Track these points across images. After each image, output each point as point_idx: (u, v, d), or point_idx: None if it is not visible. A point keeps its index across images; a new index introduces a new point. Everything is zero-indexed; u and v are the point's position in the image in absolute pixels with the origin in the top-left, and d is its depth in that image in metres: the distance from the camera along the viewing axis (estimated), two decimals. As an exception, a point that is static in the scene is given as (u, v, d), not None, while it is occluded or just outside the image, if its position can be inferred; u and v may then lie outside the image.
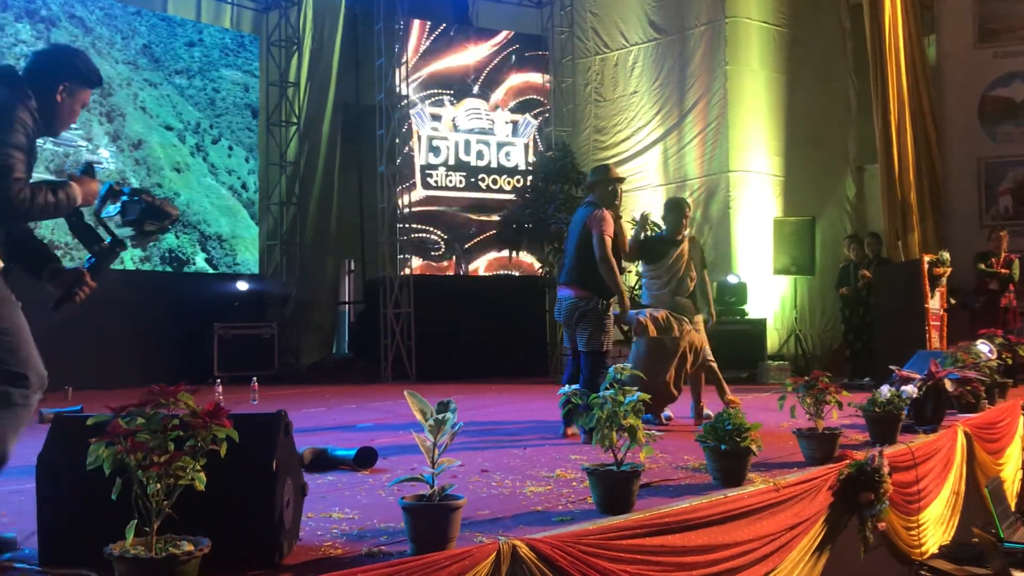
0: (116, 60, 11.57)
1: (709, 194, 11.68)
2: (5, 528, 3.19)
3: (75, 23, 11.20)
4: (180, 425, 2.40)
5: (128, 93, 11.62)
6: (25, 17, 10.68)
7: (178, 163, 12.08)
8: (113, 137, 11.27)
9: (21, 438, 3.39)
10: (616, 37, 12.55)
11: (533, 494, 3.82)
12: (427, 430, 2.90)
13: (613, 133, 12.57)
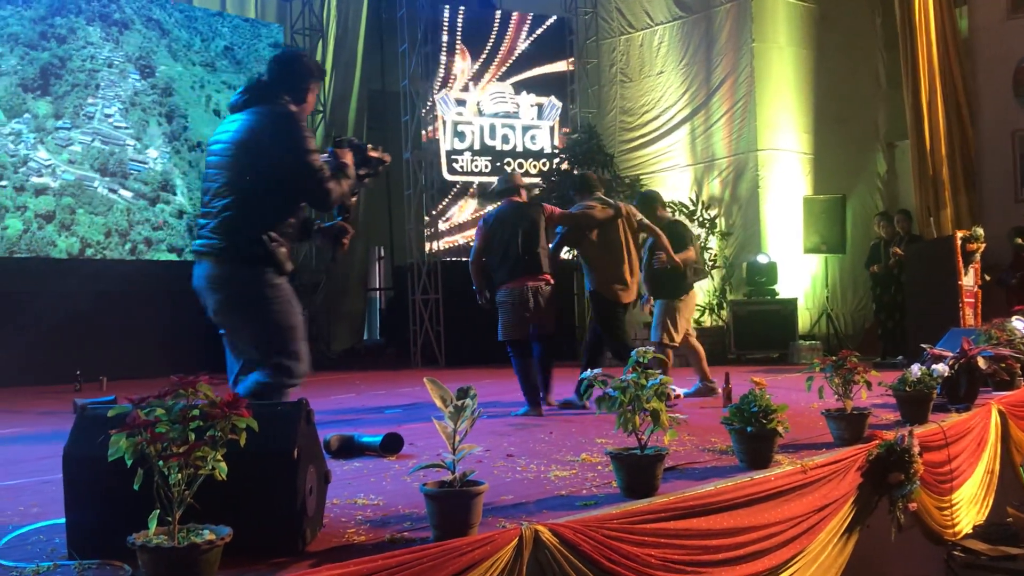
0: (193, 62, 11.78)
1: (738, 173, 11.56)
2: (29, 518, 3.24)
3: (151, 26, 11.42)
4: (200, 415, 2.42)
5: (200, 95, 11.78)
6: (97, 20, 10.88)
7: None
8: (170, 138, 11.42)
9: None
10: (641, 16, 12.43)
11: (557, 479, 3.81)
12: (447, 417, 2.90)
13: (640, 114, 12.47)
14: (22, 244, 10.00)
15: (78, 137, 10.55)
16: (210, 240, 3.50)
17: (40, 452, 5.09)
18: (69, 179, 10.41)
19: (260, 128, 3.52)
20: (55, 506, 3.44)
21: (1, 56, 10.11)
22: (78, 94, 10.63)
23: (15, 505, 3.55)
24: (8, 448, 5.38)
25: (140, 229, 10.96)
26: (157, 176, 11.19)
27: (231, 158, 3.53)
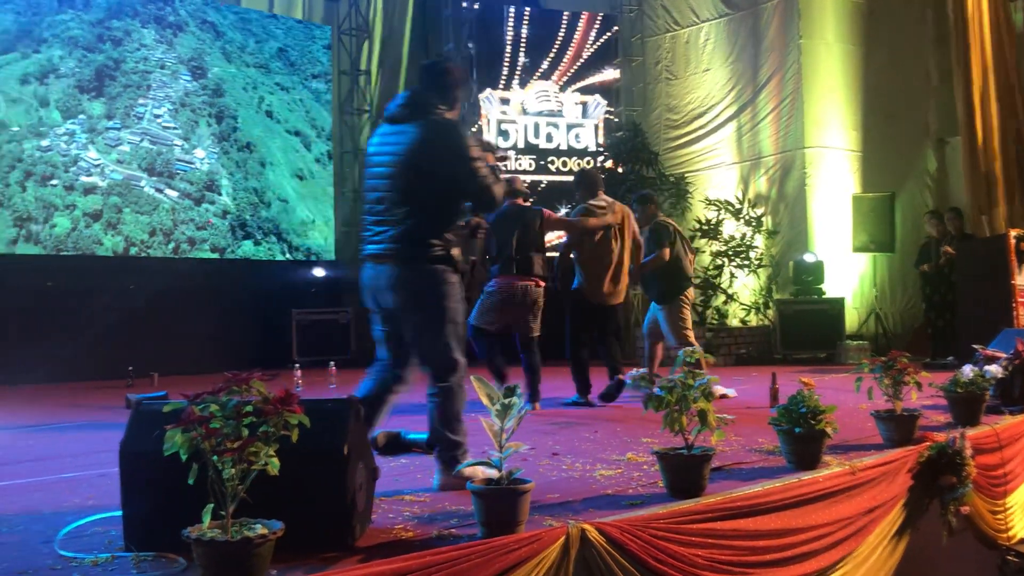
0: (246, 64, 11.96)
1: (785, 171, 11.45)
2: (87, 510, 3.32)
3: (206, 28, 11.62)
4: (253, 411, 2.46)
5: (252, 96, 11.98)
6: (152, 23, 11.11)
7: (301, 170, 12.44)
8: (219, 138, 11.61)
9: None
10: (687, 14, 12.36)
11: (603, 477, 3.82)
12: (494, 415, 2.92)
13: (685, 112, 12.40)
14: (69, 242, 10.22)
15: (127, 137, 10.75)
16: (390, 245, 3.73)
17: (95, 445, 5.21)
18: (117, 179, 10.61)
19: (428, 140, 3.73)
20: (111, 499, 3.52)
21: (61, 59, 10.34)
22: (130, 95, 10.84)
23: (73, 497, 3.64)
24: (64, 441, 5.50)
25: (184, 228, 11.14)
26: (203, 176, 11.37)
27: (403, 168, 3.74)
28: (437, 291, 3.71)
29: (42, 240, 9.98)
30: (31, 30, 10.15)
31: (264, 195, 11.96)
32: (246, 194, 11.74)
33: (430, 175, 3.70)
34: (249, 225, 11.71)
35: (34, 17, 10.19)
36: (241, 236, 11.63)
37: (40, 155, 10.02)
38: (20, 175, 9.86)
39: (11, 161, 9.80)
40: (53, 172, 10.11)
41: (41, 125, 10.10)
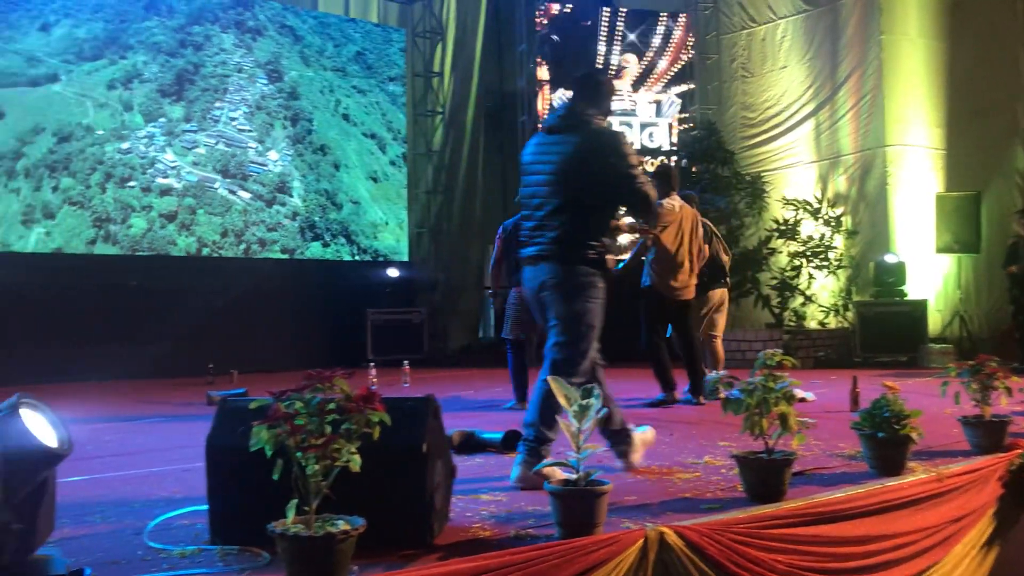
0: (324, 67, 12.25)
1: (865, 170, 11.18)
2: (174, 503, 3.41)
3: (285, 32, 11.94)
4: (336, 409, 2.50)
5: (328, 99, 12.24)
6: (232, 28, 11.43)
7: (376, 172, 12.66)
8: (293, 141, 11.86)
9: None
10: (763, 11, 12.16)
11: (681, 481, 3.78)
12: (572, 416, 2.91)
13: (761, 110, 12.20)
14: (144, 242, 10.51)
15: (203, 140, 11.04)
16: (549, 247, 3.90)
17: (178, 441, 5.36)
18: (192, 180, 10.90)
19: (589, 148, 3.89)
20: (196, 492, 3.62)
21: (145, 64, 10.68)
22: (208, 99, 11.13)
23: (160, 490, 3.75)
24: (149, 436, 5.67)
25: (255, 230, 11.37)
26: (275, 178, 11.61)
27: (564, 176, 3.90)
28: (584, 293, 3.89)
29: (119, 240, 10.29)
30: (118, 37, 10.50)
31: (335, 197, 12.16)
32: (316, 196, 11.95)
33: (590, 182, 3.87)
34: (318, 226, 11.92)
35: (121, 24, 10.54)
36: (310, 237, 11.83)
37: (120, 157, 10.35)
38: (101, 177, 10.19)
39: (93, 163, 10.14)
40: (131, 174, 10.42)
41: (123, 128, 10.43)
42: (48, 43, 10.00)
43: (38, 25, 9.96)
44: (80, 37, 10.23)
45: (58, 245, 9.87)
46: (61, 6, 10.11)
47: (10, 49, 9.73)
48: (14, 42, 9.77)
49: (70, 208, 9.96)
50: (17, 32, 9.79)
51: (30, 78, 9.86)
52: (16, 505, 2.26)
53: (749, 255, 11.08)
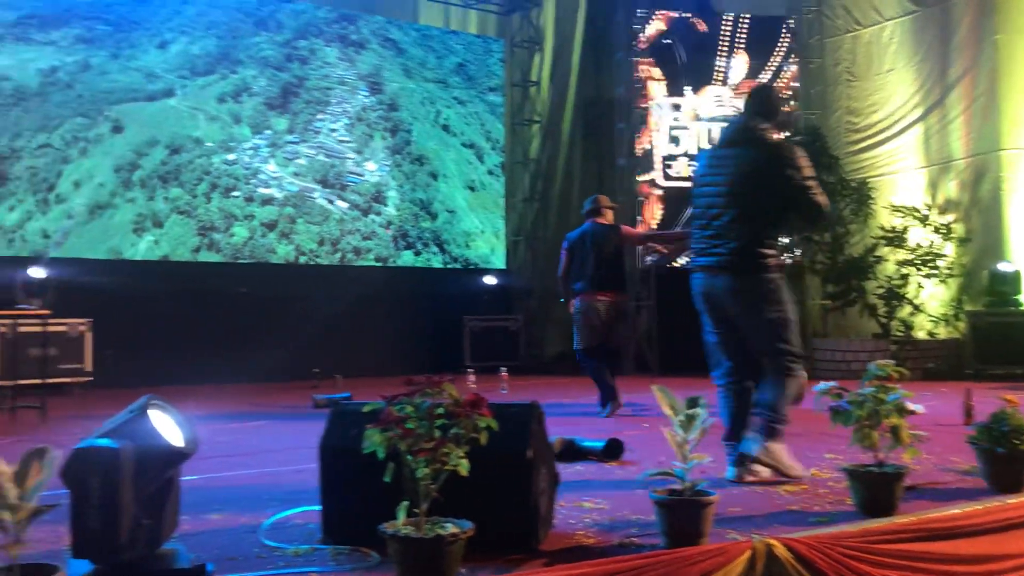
0: (425, 79, 12.54)
1: (977, 175, 10.76)
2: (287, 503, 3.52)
3: (388, 45, 12.25)
4: (444, 414, 2.55)
5: (429, 111, 12.51)
6: (336, 42, 11.78)
7: (473, 181, 12.88)
8: (392, 151, 12.12)
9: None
10: (869, 13, 11.84)
11: (787, 493, 3.72)
12: (677, 425, 2.90)
13: (867, 114, 11.87)
14: (245, 250, 10.85)
15: (304, 151, 11.36)
16: (728, 257, 4.09)
17: (288, 442, 5.53)
18: (292, 190, 11.22)
19: (765, 160, 4.09)
20: (307, 493, 3.73)
21: (253, 78, 11.08)
22: (311, 111, 11.45)
23: (273, 490, 3.87)
24: (260, 438, 5.86)
25: (350, 239, 11.62)
26: (371, 188, 11.84)
27: (741, 187, 4.10)
28: (772, 297, 4.08)
29: (222, 248, 10.65)
30: (229, 52, 10.92)
31: (430, 206, 12.35)
32: (410, 205, 12.15)
33: (767, 194, 4.06)
34: (410, 235, 12.11)
35: (233, 40, 10.96)
36: (402, 246, 12.03)
37: (226, 168, 10.74)
38: (207, 187, 10.59)
39: (200, 174, 10.55)
40: (235, 184, 10.79)
41: (231, 140, 10.82)
42: (165, 59, 10.47)
43: (156, 43, 10.43)
44: (194, 53, 10.67)
45: (165, 252, 10.28)
46: (177, 24, 10.57)
47: (131, 66, 10.22)
48: (135, 59, 10.25)
49: (177, 217, 10.37)
50: (137, 50, 10.28)
51: (148, 93, 10.32)
52: (145, 501, 2.38)
53: (855, 263, 10.78)
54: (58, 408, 7.23)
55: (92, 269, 9.56)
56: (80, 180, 9.82)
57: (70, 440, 2.57)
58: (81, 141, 9.84)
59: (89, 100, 9.92)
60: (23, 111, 9.50)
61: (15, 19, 9.45)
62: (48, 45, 9.69)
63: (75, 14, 9.86)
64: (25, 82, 9.53)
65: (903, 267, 10.79)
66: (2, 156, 9.30)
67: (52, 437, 5.74)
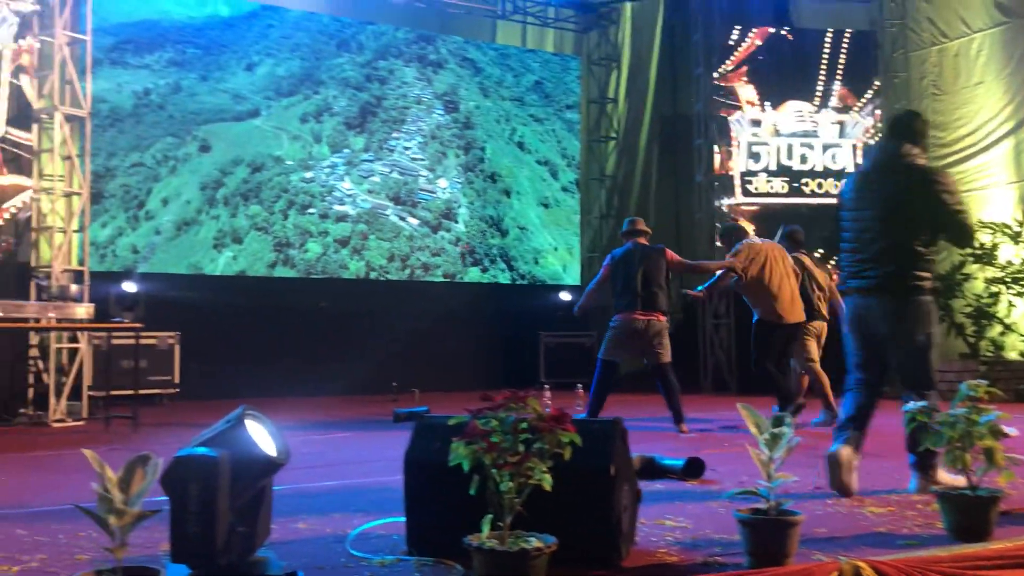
0: (502, 97, 12.73)
1: (1071, 191, 10.40)
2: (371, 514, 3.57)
3: (466, 65, 12.48)
4: (528, 428, 2.58)
5: (504, 128, 12.68)
6: (415, 62, 12.04)
7: (547, 198, 12.99)
8: (464, 169, 12.27)
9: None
10: (956, 25, 11.56)
11: (873, 515, 3.64)
12: (762, 444, 2.87)
13: (954, 129, 11.57)
14: (318, 266, 11.06)
15: (378, 168, 11.56)
16: (883, 280, 4.27)
17: (369, 455, 5.62)
18: (365, 207, 11.42)
19: (918, 187, 4.22)
20: (391, 505, 3.79)
21: (334, 98, 11.34)
22: (386, 129, 11.67)
23: (357, 501, 3.94)
24: (342, 450, 5.96)
25: (419, 255, 11.74)
26: (442, 205, 11.98)
27: (895, 213, 4.25)
28: (925, 320, 4.23)
29: (296, 264, 10.88)
30: (312, 73, 11.22)
31: (500, 223, 12.43)
32: (479, 222, 12.24)
33: (920, 218, 4.21)
34: (477, 252, 12.18)
35: (316, 62, 11.27)
36: (469, 263, 12.11)
37: (303, 186, 11.00)
38: (284, 204, 10.85)
39: (278, 191, 10.82)
40: (311, 201, 11.04)
41: (310, 159, 11.10)
42: (252, 81, 10.83)
43: (244, 65, 10.82)
44: (280, 75, 11.01)
45: (242, 268, 10.56)
46: (264, 47, 10.94)
47: (220, 88, 10.59)
48: (224, 81, 10.64)
49: (256, 233, 10.66)
50: (226, 72, 10.66)
51: (235, 114, 10.68)
52: (240, 509, 2.45)
53: (941, 281, 10.50)
54: (148, 418, 7.46)
55: (177, 284, 9.92)
56: (168, 197, 10.19)
57: (162, 449, 2.67)
58: (171, 160, 10.22)
59: (179, 121, 10.30)
60: (118, 131, 9.92)
61: (112, 44, 9.87)
62: (142, 68, 10.11)
63: (168, 39, 10.28)
64: (120, 104, 9.95)
65: (993, 285, 10.48)
66: (98, 175, 9.68)
67: (145, 446, 5.91)
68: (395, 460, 3.08)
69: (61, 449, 5.98)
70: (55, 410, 7.46)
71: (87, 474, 4.72)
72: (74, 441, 6.42)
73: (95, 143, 9.51)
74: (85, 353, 7.94)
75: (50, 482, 4.64)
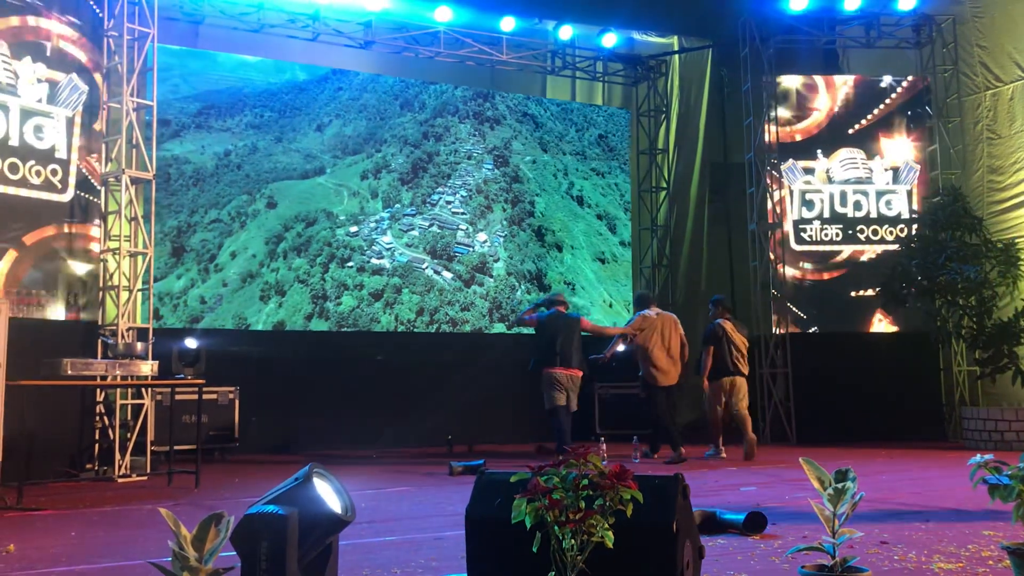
0: (563, 152, 12.99)
1: None
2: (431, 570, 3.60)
3: (526, 120, 12.77)
4: (589, 484, 2.59)
5: (561, 182, 12.90)
6: (471, 118, 12.32)
7: (603, 253, 13.11)
8: (512, 221, 12.40)
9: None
10: (1010, 68, 11.45)
11: (942, 571, 3.57)
12: (826, 499, 2.85)
13: (1011, 172, 11.40)
14: (350, 319, 11.18)
15: (418, 223, 11.73)
16: None
17: (427, 510, 5.65)
18: (402, 261, 11.56)
19: None
20: (451, 561, 3.82)
21: (392, 156, 11.65)
22: (431, 184, 11.88)
23: (417, 558, 3.96)
24: (400, 505, 5.99)
25: (447, 310, 11.75)
26: (476, 258, 12.05)
27: None
28: None
29: (330, 316, 11.02)
30: (376, 132, 11.61)
31: (542, 278, 12.47)
32: (509, 278, 12.24)
33: None
34: (503, 308, 12.16)
35: (380, 121, 11.68)
36: (497, 318, 12.09)
37: (347, 240, 11.23)
38: (325, 258, 11.05)
39: (322, 245, 11.05)
40: (351, 255, 11.22)
41: (361, 214, 11.34)
42: (322, 141, 11.29)
43: (315, 126, 11.29)
44: (347, 134, 11.45)
45: (282, 319, 10.75)
46: (334, 109, 11.42)
47: (292, 148, 11.10)
48: (295, 142, 11.14)
49: (298, 286, 10.87)
50: (298, 133, 11.17)
51: (302, 171, 11.11)
52: (308, 566, 2.50)
53: (1005, 327, 10.26)
54: (207, 472, 7.58)
55: (236, 339, 10.24)
56: (236, 251, 10.59)
57: (223, 504, 2.74)
58: (243, 216, 10.68)
59: (254, 179, 10.80)
60: (200, 190, 10.49)
61: (198, 109, 10.57)
62: (224, 132, 10.72)
63: (247, 104, 10.87)
64: (203, 164, 10.54)
65: (1057, 331, 10.22)
66: (180, 230, 10.26)
67: (207, 501, 6.04)
68: (453, 515, 3.12)
69: (127, 504, 6.10)
70: (120, 465, 7.61)
71: (155, 529, 4.82)
72: (139, 496, 6.55)
73: (180, 200, 10.18)
74: (149, 409, 8.11)
75: (119, 537, 4.73)
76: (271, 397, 10.06)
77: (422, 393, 10.86)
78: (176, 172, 10.34)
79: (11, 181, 7.46)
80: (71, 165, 7.92)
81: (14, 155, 7.48)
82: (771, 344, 11.45)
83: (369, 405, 10.55)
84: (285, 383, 10.24)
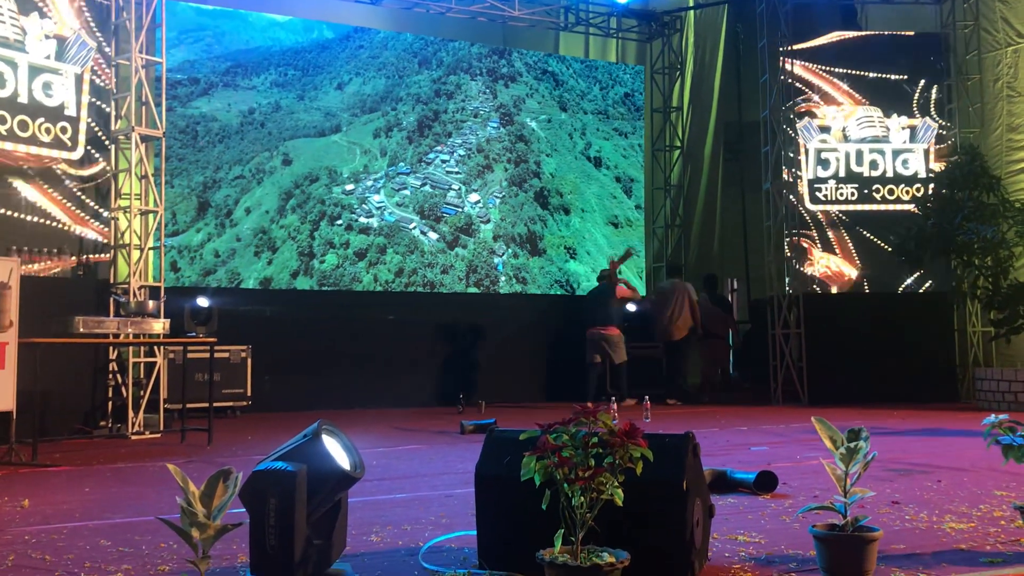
0: (584, 110, 12.85)
1: None
2: (441, 527, 3.61)
3: (545, 78, 12.64)
4: (599, 443, 2.57)
5: (578, 142, 12.77)
6: (483, 75, 12.21)
7: (616, 216, 12.98)
8: (512, 182, 12.29)
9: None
10: (1032, 24, 11.23)
11: (954, 531, 3.55)
12: (838, 459, 2.82)
13: (1030, 131, 11.23)
14: (331, 278, 11.14)
15: (411, 182, 11.65)
16: None
17: (437, 468, 5.66)
18: (390, 220, 11.48)
19: None
20: (460, 518, 3.83)
21: (404, 114, 11.58)
22: (431, 142, 11.79)
23: (427, 515, 3.98)
24: (410, 463, 6.01)
25: (426, 272, 11.58)
26: (463, 219, 11.92)
27: None
28: None
29: (313, 274, 10.98)
30: (393, 90, 11.57)
31: (537, 242, 12.38)
32: (498, 242, 12.13)
33: None
34: (479, 272, 12.06)
35: (399, 79, 11.68)
36: (472, 282, 11.99)
37: (343, 198, 11.17)
38: (316, 215, 11.02)
39: (316, 203, 11.02)
40: (341, 213, 11.16)
41: (364, 172, 11.28)
42: (342, 99, 11.29)
43: (335, 84, 11.29)
44: (366, 93, 11.43)
45: (270, 275, 10.74)
46: (354, 67, 11.42)
47: (313, 106, 11.12)
48: (317, 100, 11.16)
49: (289, 243, 10.85)
50: (320, 91, 11.20)
51: (320, 129, 11.11)
52: (316, 523, 2.50)
53: (1020, 288, 10.17)
54: (220, 430, 7.62)
55: (249, 298, 10.28)
56: (251, 207, 10.67)
57: (236, 461, 2.74)
58: (261, 173, 10.74)
59: (276, 136, 10.86)
60: (225, 147, 10.60)
61: (226, 68, 10.68)
62: (250, 90, 10.80)
63: (272, 62, 10.95)
64: (229, 122, 10.63)
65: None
66: (206, 185, 10.42)
67: (219, 458, 6.08)
68: (463, 473, 3.12)
69: (141, 461, 6.14)
70: (133, 423, 7.67)
71: (167, 486, 4.85)
72: (152, 453, 6.60)
73: (206, 156, 10.39)
74: (161, 367, 8.15)
75: (132, 494, 4.77)
76: (285, 356, 10.10)
77: (434, 352, 10.91)
78: (203, 129, 10.50)
79: (21, 139, 7.43)
80: (80, 123, 7.87)
81: (23, 112, 7.44)
82: (784, 305, 11.39)
83: (381, 364, 10.60)
84: (300, 342, 10.28)
